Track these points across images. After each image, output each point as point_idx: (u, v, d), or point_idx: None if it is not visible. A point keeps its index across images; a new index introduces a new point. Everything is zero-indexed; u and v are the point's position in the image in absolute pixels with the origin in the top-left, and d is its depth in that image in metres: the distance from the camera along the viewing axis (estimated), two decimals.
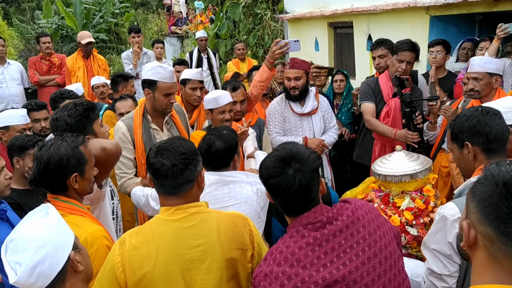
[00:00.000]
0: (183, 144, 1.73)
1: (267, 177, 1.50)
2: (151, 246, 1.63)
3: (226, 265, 1.65)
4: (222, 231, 1.67)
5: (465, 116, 1.87)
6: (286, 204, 1.53)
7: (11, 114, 3.19)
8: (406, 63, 3.51)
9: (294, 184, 1.46)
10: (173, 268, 1.62)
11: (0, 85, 6.00)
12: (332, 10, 6.55)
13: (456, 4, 4.52)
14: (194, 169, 1.70)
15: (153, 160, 1.68)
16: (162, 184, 1.68)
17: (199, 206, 1.72)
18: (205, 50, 7.31)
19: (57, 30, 12.65)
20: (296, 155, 1.50)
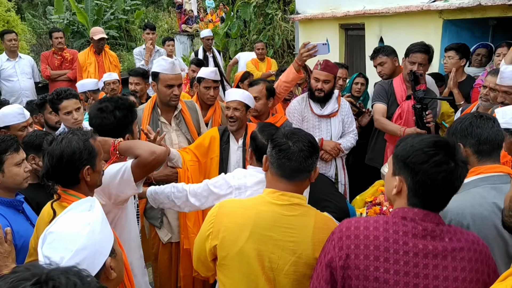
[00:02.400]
0: (310, 135, 1.79)
1: (432, 165, 1.36)
2: (249, 220, 1.69)
3: (313, 264, 1.65)
4: (318, 230, 1.69)
5: (460, 118, 1.93)
6: (435, 198, 1.41)
7: (8, 113, 3.09)
8: (418, 65, 3.49)
9: (459, 177, 1.38)
10: (264, 249, 1.67)
11: (11, 78, 6.06)
12: (344, 11, 6.52)
13: (470, 8, 4.48)
14: (315, 160, 1.74)
15: (281, 141, 1.72)
16: (284, 166, 1.70)
17: (302, 199, 1.74)
18: (211, 49, 7.31)
19: (68, 25, 12.72)
20: (452, 146, 1.41)
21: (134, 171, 2.06)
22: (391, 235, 1.39)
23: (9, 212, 2.09)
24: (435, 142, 1.41)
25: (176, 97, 3.03)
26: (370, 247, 1.39)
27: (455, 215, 1.70)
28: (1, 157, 2.09)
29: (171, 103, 3.05)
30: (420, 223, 1.40)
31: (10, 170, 2.11)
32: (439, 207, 1.45)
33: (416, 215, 1.41)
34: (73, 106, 3.15)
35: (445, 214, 1.71)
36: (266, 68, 7.04)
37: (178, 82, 3.02)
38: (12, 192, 2.17)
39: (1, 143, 2.10)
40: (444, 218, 1.70)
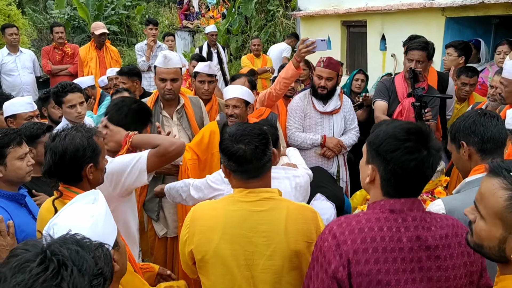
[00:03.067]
0: (254, 126, 1.77)
1: (404, 152, 1.32)
2: (219, 221, 1.69)
3: (289, 255, 1.65)
4: (290, 221, 1.67)
5: (463, 116, 1.91)
6: (408, 186, 1.37)
7: (17, 102, 3.18)
8: (416, 62, 3.48)
9: (431, 165, 1.34)
10: (237, 247, 1.66)
11: (12, 73, 6.05)
12: (346, 8, 6.51)
13: (473, 6, 4.47)
14: (271, 147, 1.74)
15: (234, 149, 1.67)
16: (247, 169, 1.69)
17: (271, 192, 1.73)
18: (215, 45, 7.31)
19: (69, 20, 12.70)
20: (426, 133, 1.36)
21: (150, 160, 2.05)
22: (386, 233, 1.35)
23: (11, 206, 2.09)
24: (408, 128, 1.36)
25: (170, 92, 3.01)
26: (369, 250, 1.33)
27: (462, 215, 1.68)
28: (4, 150, 2.07)
29: (166, 97, 3.05)
30: (409, 213, 1.37)
31: (12, 164, 2.09)
32: (413, 194, 1.41)
33: (404, 205, 1.38)
34: (77, 100, 3.17)
35: (451, 213, 1.70)
36: (261, 64, 7.10)
37: (170, 77, 3.00)
38: (15, 185, 2.16)
39: (3, 136, 2.09)
40: None
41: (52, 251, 0.90)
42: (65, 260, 0.89)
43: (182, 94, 3.22)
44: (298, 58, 3.26)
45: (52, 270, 0.87)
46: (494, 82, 3.19)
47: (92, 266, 0.92)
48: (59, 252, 0.90)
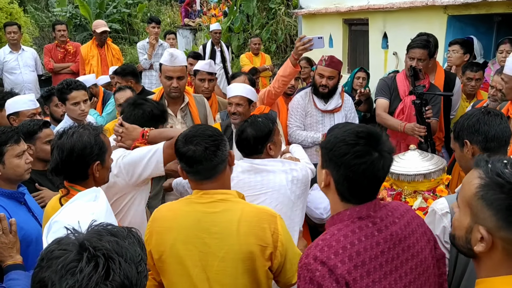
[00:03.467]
0: (207, 127, 1.78)
1: (353, 157, 1.33)
2: (174, 222, 1.71)
3: (242, 258, 1.65)
4: (243, 223, 1.67)
5: (467, 115, 1.91)
6: (361, 189, 1.38)
7: (20, 100, 3.20)
8: (417, 60, 3.48)
9: (383, 167, 1.35)
10: (192, 248, 1.67)
11: (13, 71, 6.05)
12: (348, 6, 6.50)
13: (475, 4, 4.46)
14: (224, 148, 1.74)
15: (184, 149, 1.70)
16: (198, 170, 1.70)
17: (227, 194, 1.73)
18: (219, 43, 7.31)
19: (71, 18, 12.70)
20: (377, 135, 1.37)
21: (166, 152, 2.08)
22: (366, 242, 1.35)
23: (11, 204, 2.09)
24: (356, 132, 1.36)
25: (176, 89, 3.04)
26: (358, 265, 1.32)
27: None
28: (2, 148, 2.08)
29: (172, 95, 3.08)
30: (375, 215, 1.39)
31: (10, 162, 2.10)
32: (370, 198, 1.41)
33: (368, 209, 1.39)
34: (82, 97, 3.21)
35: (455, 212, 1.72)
36: (260, 62, 7.13)
37: (176, 75, 3.03)
38: (13, 183, 2.17)
39: (1, 134, 2.09)
40: None
41: (94, 247, 0.88)
42: (109, 253, 0.88)
43: (187, 92, 3.24)
44: (295, 56, 3.26)
45: (102, 266, 0.85)
46: (494, 82, 3.20)
47: (134, 253, 0.91)
48: (101, 247, 0.88)
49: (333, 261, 1.30)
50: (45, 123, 2.71)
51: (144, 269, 0.93)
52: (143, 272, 0.92)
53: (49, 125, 2.74)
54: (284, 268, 1.73)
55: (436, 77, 3.78)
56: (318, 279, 1.30)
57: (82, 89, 3.23)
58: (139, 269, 0.91)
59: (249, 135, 2.33)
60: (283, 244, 1.70)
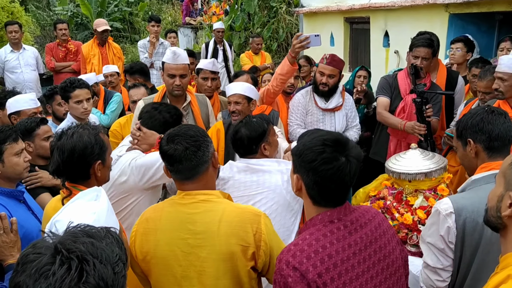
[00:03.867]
0: (191, 128, 1.79)
1: (321, 163, 1.38)
2: (157, 223, 1.73)
3: (223, 258, 1.66)
4: (224, 224, 1.67)
5: (471, 113, 1.90)
6: (330, 193, 1.44)
7: (21, 99, 3.21)
8: (421, 59, 3.48)
9: (349, 172, 1.39)
10: (175, 249, 1.68)
11: (15, 70, 6.05)
12: (349, 5, 6.49)
13: (477, 2, 4.45)
14: (206, 149, 1.74)
15: (165, 148, 1.72)
16: (178, 170, 1.72)
17: (209, 194, 1.74)
18: (222, 42, 7.30)
19: (72, 17, 12.70)
20: (343, 141, 1.43)
21: None
22: (337, 245, 1.40)
23: (10, 203, 2.10)
24: (323, 139, 1.42)
25: (179, 87, 3.05)
26: (330, 268, 1.36)
27: (470, 213, 1.70)
28: (0, 147, 2.09)
29: (174, 93, 3.08)
30: (345, 218, 1.44)
31: (9, 160, 2.11)
32: (340, 202, 1.47)
33: (339, 213, 1.45)
34: (85, 95, 3.23)
35: (460, 212, 1.71)
36: (260, 61, 7.13)
37: (179, 73, 3.03)
38: (13, 182, 2.18)
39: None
40: (459, 216, 1.72)
41: (68, 249, 0.87)
42: (84, 255, 0.87)
43: (189, 91, 3.24)
44: (292, 54, 3.24)
45: (75, 268, 0.85)
46: (479, 87, 3.25)
47: (110, 254, 0.91)
48: (75, 249, 0.88)
49: (305, 265, 1.35)
50: (42, 120, 2.74)
51: (121, 269, 0.92)
52: (121, 273, 0.91)
53: (47, 122, 2.76)
54: (272, 265, 1.74)
55: (438, 75, 3.77)
56: (291, 285, 1.35)
57: (85, 87, 3.26)
58: (116, 269, 0.90)
59: (243, 135, 2.34)
60: (267, 243, 1.69)
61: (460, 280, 1.81)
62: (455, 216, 1.72)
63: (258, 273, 1.76)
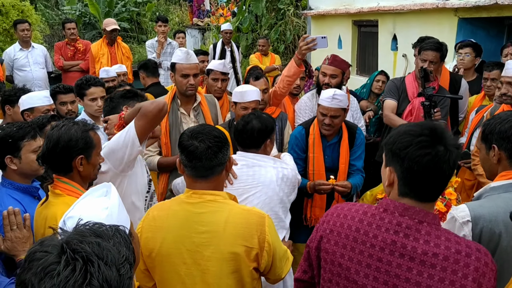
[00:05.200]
0: (215, 129, 1.82)
1: (417, 148, 1.28)
2: (165, 221, 1.74)
3: (227, 258, 1.68)
4: (230, 224, 1.70)
5: (500, 118, 1.84)
6: (424, 185, 1.31)
7: (34, 96, 3.24)
8: (429, 63, 3.49)
9: (448, 160, 1.28)
10: (181, 247, 1.70)
11: (23, 68, 6.09)
12: (358, 8, 6.48)
13: (487, 7, 4.43)
14: (226, 152, 1.77)
15: (187, 143, 1.73)
16: (195, 167, 1.73)
17: (216, 195, 1.75)
18: (229, 43, 7.32)
19: (80, 17, 12.79)
20: (441, 130, 1.32)
21: (137, 124, 2.08)
22: (364, 226, 1.38)
23: (25, 199, 2.12)
24: (420, 125, 1.34)
25: (192, 87, 3.07)
26: (341, 234, 1.41)
27: (488, 222, 1.64)
28: (19, 143, 2.11)
29: (188, 93, 3.09)
30: (397, 217, 1.33)
31: (27, 157, 2.13)
32: (431, 196, 1.35)
33: (397, 208, 1.34)
34: (99, 93, 3.30)
35: (477, 221, 1.66)
36: (269, 62, 7.17)
37: (193, 72, 3.05)
38: (28, 178, 2.20)
39: (18, 129, 2.13)
40: (476, 225, 1.66)
41: (74, 250, 0.87)
42: (89, 256, 0.87)
43: (198, 92, 3.27)
44: (299, 56, 3.25)
45: (80, 269, 0.85)
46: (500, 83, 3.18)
47: (116, 255, 0.91)
48: (81, 249, 0.88)
49: (329, 217, 1.49)
50: (53, 116, 2.78)
51: (127, 271, 0.92)
52: (126, 274, 0.91)
53: (58, 118, 2.78)
54: (274, 265, 1.78)
55: (441, 79, 3.78)
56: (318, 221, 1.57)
57: (100, 85, 3.33)
58: (122, 271, 0.90)
59: (254, 127, 2.37)
60: (270, 244, 1.72)
61: None
62: (472, 225, 1.68)
63: (259, 273, 1.79)
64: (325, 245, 1.44)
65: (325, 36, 3.19)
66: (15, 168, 2.12)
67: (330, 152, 3.15)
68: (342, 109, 3.01)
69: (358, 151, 3.17)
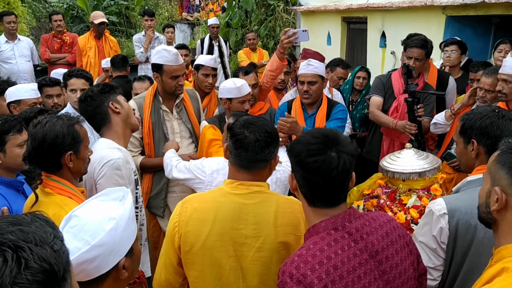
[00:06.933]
0: (269, 124, 1.77)
1: (306, 155, 1.35)
2: (210, 214, 1.69)
3: (277, 248, 1.67)
4: (280, 214, 1.69)
5: (480, 114, 1.84)
6: (320, 190, 1.38)
7: (22, 88, 3.20)
8: (414, 60, 3.51)
9: (337, 166, 1.33)
10: (227, 239, 1.67)
11: (9, 61, 6.02)
12: (347, 4, 6.50)
13: (474, 5, 4.48)
14: (273, 150, 1.73)
15: (238, 131, 1.71)
16: (240, 156, 1.70)
17: (261, 185, 1.74)
18: (217, 38, 7.29)
19: (68, 10, 12.60)
20: (335, 137, 1.39)
21: None
22: (342, 255, 1.34)
23: (9, 193, 2.09)
24: (312, 133, 1.41)
25: (181, 87, 3.01)
26: (336, 280, 1.30)
27: (464, 214, 1.70)
28: (4, 137, 2.08)
29: (177, 93, 3.04)
30: (350, 226, 1.39)
31: (12, 151, 2.10)
32: (334, 201, 1.41)
33: (343, 220, 1.39)
34: (80, 85, 3.27)
35: (453, 214, 1.71)
36: (258, 58, 7.15)
37: (182, 72, 3.00)
38: (13, 172, 2.17)
39: (4, 123, 2.09)
40: (452, 217, 1.72)
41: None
42: (15, 243, 0.84)
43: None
44: (281, 50, 3.23)
45: (12, 258, 0.81)
46: (482, 84, 3.18)
47: (44, 235, 0.88)
48: (5, 240, 0.84)
49: (309, 278, 1.28)
50: (41, 110, 2.73)
51: (61, 246, 0.89)
52: (61, 249, 0.88)
53: (46, 112, 2.73)
54: None
55: (429, 76, 3.81)
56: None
57: (82, 78, 3.28)
58: (55, 247, 0.87)
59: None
60: None
61: (450, 280, 1.82)
62: (448, 217, 1.73)
63: None
64: None
65: (306, 30, 3.19)
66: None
67: (310, 124, 3.20)
68: (318, 75, 3.12)
69: (332, 124, 3.14)
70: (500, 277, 1.18)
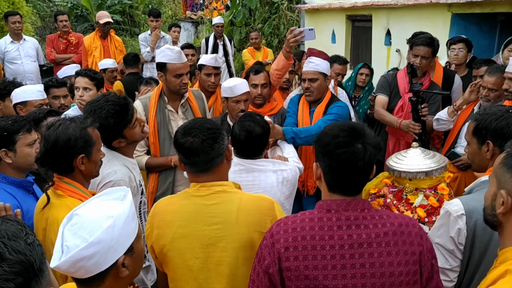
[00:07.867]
0: (207, 121, 1.81)
1: (335, 146, 1.42)
2: (175, 216, 1.73)
3: (242, 246, 1.69)
4: (242, 212, 1.70)
5: (495, 115, 1.82)
6: (344, 179, 1.44)
7: (28, 89, 3.20)
8: (421, 58, 3.49)
9: (364, 157, 1.41)
10: (193, 241, 1.70)
11: (15, 61, 6.02)
12: (352, 2, 6.48)
13: (480, 2, 4.46)
14: (222, 142, 1.75)
15: (182, 140, 1.72)
16: (194, 162, 1.72)
17: (224, 185, 1.76)
18: (221, 37, 7.28)
19: (72, 9, 12.63)
20: (362, 131, 1.46)
21: None
22: (317, 232, 1.43)
23: (19, 193, 2.10)
24: (340, 125, 1.49)
25: (185, 85, 3.02)
26: (298, 248, 1.42)
27: (481, 215, 1.63)
28: (14, 137, 2.09)
29: (181, 92, 3.04)
30: (343, 213, 1.44)
31: (22, 151, 2.11)
32: (354, 190, 1.47)
33: (339, 205, 1.45)
34: (83, 84, 3.27)
35: (470, 214, 1.70)
36: (262, 57, 7.12)
37: (186, 71, 3.01)
38: (22, 172, 2.18)
39: (13, 123, 2.11)
40: (470, 218, 1.70)
41: None
42: None
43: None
44: (287, 48, 3.23)
45: None
46: (485, 83, 3.15)
47: (16, 231, 0.91)
48: None
49: (278, 236, 1.46)
50: (50, 111, 2.75)
51: (34, 240, 0.92)
52: (34, 242, 0.92)
53: (55, 114, 2.75)
54: None
55: (435, 74, 3.79)
56: (262, 246, 1.50)
57: (87, 77, 3.27)
58: (28, 241, 0.91)
59: (259, 133, 2.32)
60: None
61: (467, 281, 1.80)
62: (466, 218, 1.71)
63: None
64: (285, 264, 1.42)
65: (313, 28, 3.18)
66: (10, 162, 2.10)
67: (312, 118, 3.27)
68: (319, 72, 3.15)
69: (323, 118, 3.15)
70: (504, 279, 1.19)
